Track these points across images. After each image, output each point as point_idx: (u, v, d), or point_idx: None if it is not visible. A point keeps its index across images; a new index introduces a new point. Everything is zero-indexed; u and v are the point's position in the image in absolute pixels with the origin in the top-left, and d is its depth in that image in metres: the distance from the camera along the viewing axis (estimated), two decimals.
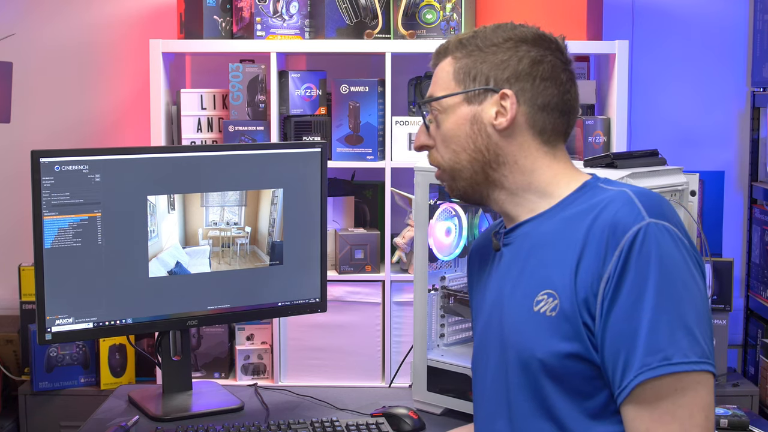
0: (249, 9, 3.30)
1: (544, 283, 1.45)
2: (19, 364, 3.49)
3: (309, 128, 3.28)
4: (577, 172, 1.57)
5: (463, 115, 1.54)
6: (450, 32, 3.27)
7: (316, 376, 3.33)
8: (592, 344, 1.40)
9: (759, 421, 2.34)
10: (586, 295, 1.40)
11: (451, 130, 1.55)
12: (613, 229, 1.39)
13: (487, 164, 1.54)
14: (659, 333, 1.33)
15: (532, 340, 1.45)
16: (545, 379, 1.44)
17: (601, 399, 1.41)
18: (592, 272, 1.39)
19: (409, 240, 3.21)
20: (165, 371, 2.22)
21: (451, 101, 1.55)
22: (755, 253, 3.59)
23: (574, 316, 1.40)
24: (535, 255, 1.50)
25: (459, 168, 1.56)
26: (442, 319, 2.20)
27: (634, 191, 1.45)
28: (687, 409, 1.34)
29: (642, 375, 1.34)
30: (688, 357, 1.33)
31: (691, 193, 2.00)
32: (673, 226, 1.39)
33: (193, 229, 2.16)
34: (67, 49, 3.68)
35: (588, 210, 1.45)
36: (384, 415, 2.04)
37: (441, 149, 1.57)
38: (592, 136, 3.24)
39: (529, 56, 1.52)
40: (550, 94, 1.52)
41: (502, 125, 1.51)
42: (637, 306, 1.35)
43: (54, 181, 2.01)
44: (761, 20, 3.57)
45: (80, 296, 2.06)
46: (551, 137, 1.54)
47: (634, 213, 1.40)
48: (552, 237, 1.48)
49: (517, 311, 1.50)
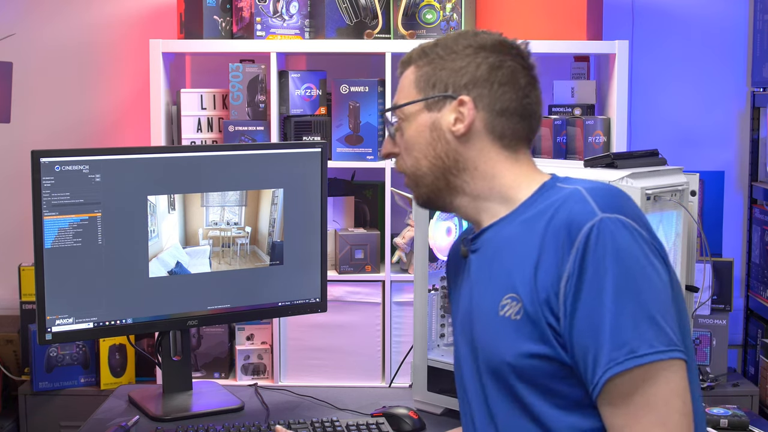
0: (249, 9, 3.30)
1: (507, 287, 1.46)
2: (19, 364, 3.49)
3: (309, 128, 3.28)
4: (537, 173, 1.57)
5: (423, 122, 1.56)
6: (450, 32, 3.27)
7: (316, 376, 3.33)
8: (559, 344, 1.40)
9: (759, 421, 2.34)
10: (547, 296, 1.40)
11: (413, 137, 1.57)
12: (567, 228, 1.40)
13: (447, 170, 1.55)
14: (623, 326, 1.34)
15: (500, 345, 1.46)
16: (518, 382, 1.45)
17: (577, 395, 1.41)
18: (551, 273, 1.40)
19: (409, 240, 3.21)
20: (165, 371, 2.22)
21: (413, 109, 1.57)
22: (755, 253, 3.59)
23: (538, 318, 1.41)
24: (498, 260, 1.51)
25: (420, 174, 1.58)
26: (442, 319, 2.20)
27: (586, 187, 1.46)
28: (662, 398, 1.34)
29: (610, 370, 1.34)
30: (654, 347, 1.34)
31: (691, 193, 2.00)
32: (628, 218, 1.40)
33: (193, 229, 2.16)
34: (67, 49, 3.68)
35: (544, 211, 1.46)
36: (384, 415, 2.04)
37: (404, 156, 1.60)
38: (592, 136, 3.24)
39: (488, 62, 1.53)
40: (508, 99, 1.53)
41: (460, 131, 1.53)
42: (599, 302, 1.35)
43: (54, 181, 2.01)
44: (761, 20, 3.57)
45: (80, 296, 2.06)
46: (512, 142, 1.55)
47: (586, 210, 1.40)
48: (512, 241, 1.49)
49: (484, 317, 1.51)
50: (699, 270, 2.13)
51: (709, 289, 3.23)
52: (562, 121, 3.29)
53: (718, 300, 3.46)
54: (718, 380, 3.39)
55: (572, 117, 3.33)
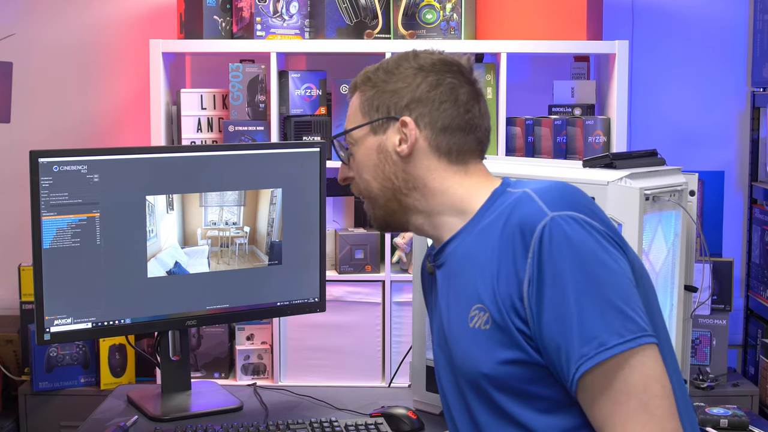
0: (249, 9, 3.30)
1: (473, 298, 1.47)
2: (19, 364, 3.49)
3: (309, 128, 3.28)
4: (488, 181, 1.58)
5: (370, 145, 1.58)
6: (450, 32, 3.27)
7: (316, 376, 3.33)
8: (532, 348, 1.41)
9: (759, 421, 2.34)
10: (512, 302, 1.41)
11: (362, 161, 1.60)
12: (521, 232, 1.41)
13: (398, 191, 1.57)
14: (589, 321, 1.35)
15: (474, 357, 1.47)
16: (497, 391, 1.45)
17: (556, 396, 1.42)
18: (512, 279, 1.41)
19: (409, 240, 3.21)
20: (164, 371, 2.22)
21: (360, 133, 1.59)
22: (755, 253, 3.59)
23: (507, 325, 1.42)
24: (461, 273, 1.52)
25: (373, 196, 1.60)
26: None
27: (534, 188, 1.47)
28: (639, 384, 1.35)
29: (582, 366, 1.35)
30: (623, 336, 1.34)
31: (690, 193, 1.99)
32: (578, 213, 1.40)
33: (191, 229, 2.16)
34: (67, 49, 3.68)
35: (497, 218, 1.47)
36: (383, 415, 2.04)
37: (357, 179, 1.62)
38: (592, 136, 3.24)
39: (427, 81, 1.55)
40: (449, 115, 1.55)
41: (404, 151, 1.55)
42: (562, 300, 1.36)
43: (53, 182, 2.00)
44: (761, 20, 3.57)
45: (79, 296, 2.06)
46: (459, 156, 1.56)
47: (536, 210, 1.41)
48: (472, 252, 1.50)
49: (456, 331, 1.51)
50: (698, 270, 2.13)
51: (709, 289, 3.23)
52: (562, 121, 3.29)
53: (718, 300, 3.46)
54: (718, 380, 3.39)
55: (572, 117, 3.33)
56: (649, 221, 1.90)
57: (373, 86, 1.59)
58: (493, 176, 1.59)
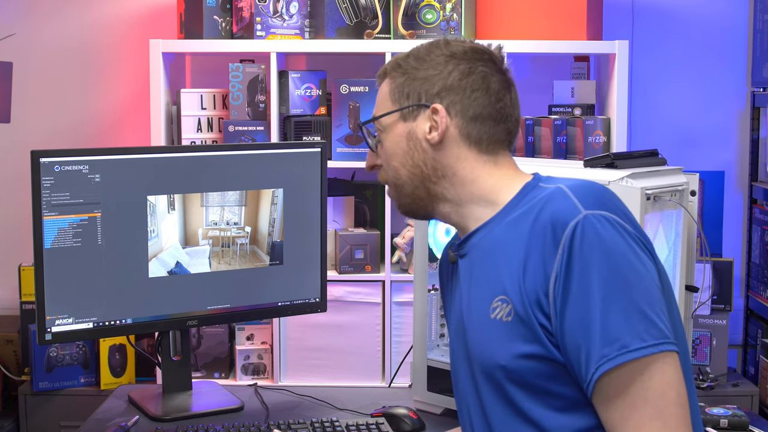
0: (249, 9, 3.30)
1: (497, 289, 1.47)
2: (19, 364, 3.49)
3: (309, 128, 3.28)
4: (519, 175, 1.57)
5: (400, 132, 1.57)
6: (450, 32, 3.27)
7: (316, 376, 3.33)
8: (552, 344, 1.40)
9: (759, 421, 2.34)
10: (537, 296, 1.40)
11: (391, 148, 1.59)
12: (552, 227, 1.40)
13: (426, 178, 1.56)
14: (613, 322, 1.34)
15: (493, 348, 1.46)
16: (511, 385, 1.45)
17: (571, 395, 1.41)
18: (539, 273, 1.40)
19: (409, 240, 3.21)
20: (165, 371, 2.22)
21: (389, 120, 1.58)
22: (755, 253, 3.59)
23: (529, 319, 1.41)
24: (486, 263, 1.51)
25: (401, 184, 1.59)
26: (442, 319, 2.20)
27: (568, 185, 1.46)
28: (657, 391, 1.34)
29: (602, 367, 1.34)
30: (645, 341, 1.34)
31: (691, 193, 1.99)
32: (612, 213, 1.40)
33: (193, 229, 2.16)
34: (67, 49, 3.68)
35: (529, 211, 1.46)
36: (384, 415, 2.04)
37: (385, 167, 1.61)
38: (592, 136, 3.24)
39: (459, 69, 1.54)
40: (481, 104, 1.54)
41: (435, 139, 1.54)
42: (588, 299, 1.35)
43: (54, 181, 2.01)
44: (761, 20, 3.57)
45: (80, 296, 2.06)
46: (489, 146, 1.55)
47: (570, 207, 1.40)
48: (499, 243, 1.49)
49: (476, 321, 1.51)
50: (699, 270, 2.13)
51: (709, 289, 3.23)
52: (562, 121, 3.29)
53: (718, 300, 3.46)
54: (718, 380, 3.39)
55: (572, 117, 3.33)
56: (650, 221, 1.90)
57: (403, 73, 1.57)
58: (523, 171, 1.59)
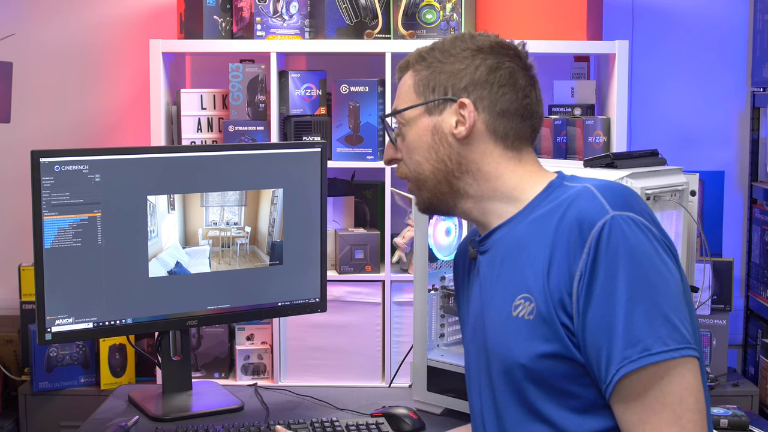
0: (249, 9, 3.30)
1: (520, 287, 1.46)
2: (19, 364, 3.49)
3: (309, 128, 3.28)
4: (543, 172, 1.57)
5: (424, 126, 1.56)
6: (450, 32, 3.27)
7: (316, 376, 3.33)
8: (573, 344, 1.40)
9: (759, 421, 2.35)
10: (560, 295, 1.40)
11: (414, 142, 1.57)
12: (579, 227, 1.39)
13: (450, 173, 1.55)
14: (636, 324, 1.34)
15: (513, 345, 1.46)
16: (529, 384, 1.45)
17: (589, 396, 1.41)
18: (564, 272, 1.40)
19: (409, 240, 3.21)
20: (165, 371, 2.22)
21: (413, 113, 1.56)
22: (755, 253, 3.59)
23: (551, 318, 1.41)
24: (509, 261, 1.51)
25: (423, 178, 1.57)
26: (442, 319, 2.20)
27: (596, 185, 1.46)
28: (676, 395, 1.34)
29: (624, 368, 1.34)
30: (667, 345, 1.33)
31: (691, 193, 2.00)
32: (639, 216, 1.40)
33: (193, 229, 2.16)
34: (67, 49, 3.68)
35: (554, 210, 1.46)
36: (384, 415, 2.04)
37: (407, 161, 1.59)
38: (592, 136, 3.24)
39: (486, 64, 1.53)
40: (508, 99, 1.53)
41: (461, 134, 1.53)
42: (612, 300, 1.35)
43: (54, 181, 2.01)
44: (761, 20, 3.57)
45: (80, 296, 2.06)
46: (515, 142, 1.55)
47: (597, 207, 1.40)
48: (523, 241, 1.49)
49: (497, 318, 1.50)
50: (699, 270, 2.13)
51: (709, 289, 3.23)
52: (562, 121, 3.29)
53: (718, 300, 3.46)
54: (718, 380, 3.39)
55: (572, 117, 3.33)
56: None
57: (428, 66, 1.56)
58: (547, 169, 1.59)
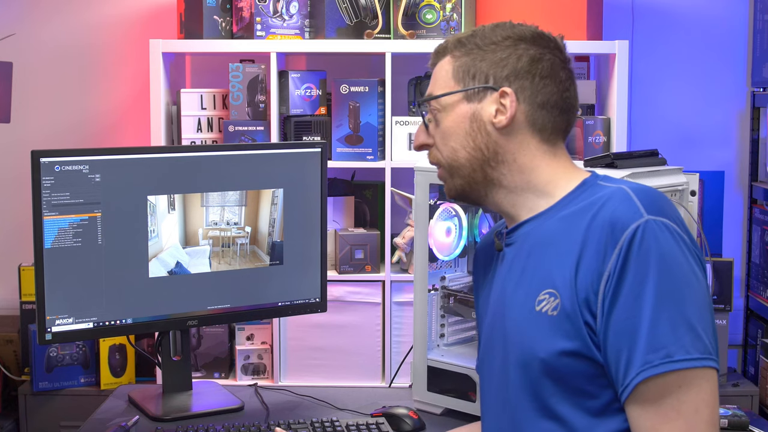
0: (249, 9, 3.30)
1: (545, 282, 1.45)
2: (19, 364, 3.49)
3: (309, 128, 3.28)
4: (576, 170, 1.57)
5: (463, 112, 1.54)
6: (450, 32, 3.27)
7: (316, 376, 3.33)
8: (593, 343, 1.40)
9: (759, 421, 2.34)
10: (586, 293, 1.39)
11: (450, 128, 1.55)
12: (611, 227, 1.39)
13: (485, 162, 1.53)
14: (661, 330, 1.33)
15: (534, 340, 1.45)
16: (546, 379, 1.44)
17: (604, 397, 1.41)
18: (592, 271, 1.39)
19: (409, 240, 3.21)
20: (165, 371, 2.22)
21: (451, 99, 1.54)
22: (755, 253, 3.59)
23: (575, 315, 1.40)
24: (536, 255, 1.50)
25: (457, 165, 1.55)
26: (442, 319, 2.20)
27: (632, 188, 1.45)
28: (692, 405, 1.34)
29: (644, 373, 1.34)
30: (690, 354, 1.33)
31: (691, 193, 2.00)
32: (672, 222, 1.39)
33: (193, 229, 2.16)
34: (67, 49, 3.68)
35: (587, 208, 1.45)
36: (384, 415, 2.04)
37: (440, 147, 1.57)
38: (592, 136, 3.24)
39: (528, 54, 1.52)
40: (549, 92, 1.52)
41: (501, 123, 1.51)
42: (638, 303, 1.35)
43: (54, 181, 2.01)
44: (761, 20, 3.57)
45: (80, 296, 2.06)
46: (551, 135, 1.54)
47: (632, 210, 1.39)
48: (552, 236, 1.48)
49: (519, 311, 1.50)
50: None
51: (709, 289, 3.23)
52: None
53: (718, 300, 3.46)
54: (720, 379, 3.39)
55: None
56: None
57: (467, 52, 1.54)
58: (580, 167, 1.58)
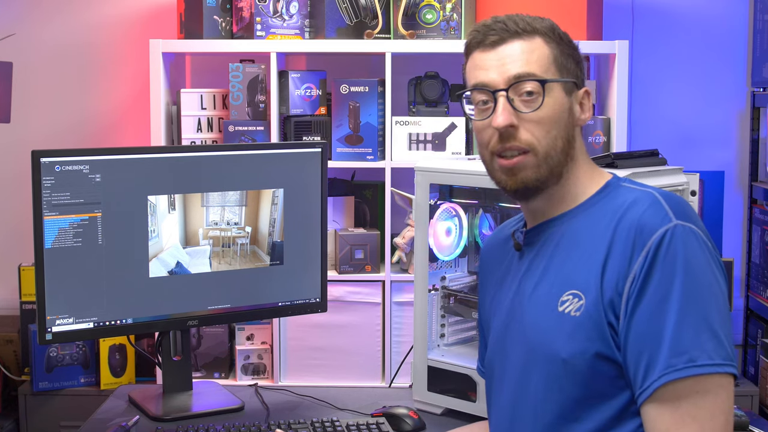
0: (249, 9, 3.30)
1: (569, 283, 1.46)
2: (19, 364, 3.49)
3: (309, 128, 3.28)
4: (599, 171, 1.57)
5: (563, 102, 1.51)
6: (450, 32, 3.27)
7: (316, 376, 3.33)
8: (615, 344, 1.40)
9: (759, 421, 2.34)
10: (611, 295, 1.40)
11: (553, 116, 1.49)
12: (639, 230, 1.40)
13: (569, 156, 1.52)
14: (684, 334, 1.34)
15: (557, 340, 1.45)
16: (568, 380, 1.44)
17: (622, 400, 1.41)
18: (618, 272, 1.40)
19: (409, 240, 3.21)
20: (165, 371, 2.22)
21: (555, 85, 1.50)
22: (755, 253, 3.59)
23: (599, 317, 1.41)
24: (559, 255, 1.50)
25: (553, 155, 1.49)
26: (443, 319, 2.20)
27: (660, 193, 1.46)
28: (708, 411, 1.34)
29: (667, 376, 1.34)
30: (713, 359, 1.34)
31: (691, 193, 2.00)
32: (698, 229, 1.41)
33: (193, 229, 2.16)
34: (67, 49, 3.68)
35: (613, 210, 1.46)
36: (384, 415, 2.04)
37: (537, 133, 1.48)
38: (592, 136, 3.25)
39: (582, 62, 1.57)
40: None
41: (586, 121, 1.54)
42: (663, 307, 1.36)
43: (54, 181, 2.01)
44: (761, 20, 3.57)
45: (80, 296, 2.06)
46: None
47: (661, 214, 1.40)
48: (576, 237, 1.49)
49: (540, 311, 1.49)
50: None
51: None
52: None
53: None
54: None
55: None
56: None
57: (558, 42, 1.52)
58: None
